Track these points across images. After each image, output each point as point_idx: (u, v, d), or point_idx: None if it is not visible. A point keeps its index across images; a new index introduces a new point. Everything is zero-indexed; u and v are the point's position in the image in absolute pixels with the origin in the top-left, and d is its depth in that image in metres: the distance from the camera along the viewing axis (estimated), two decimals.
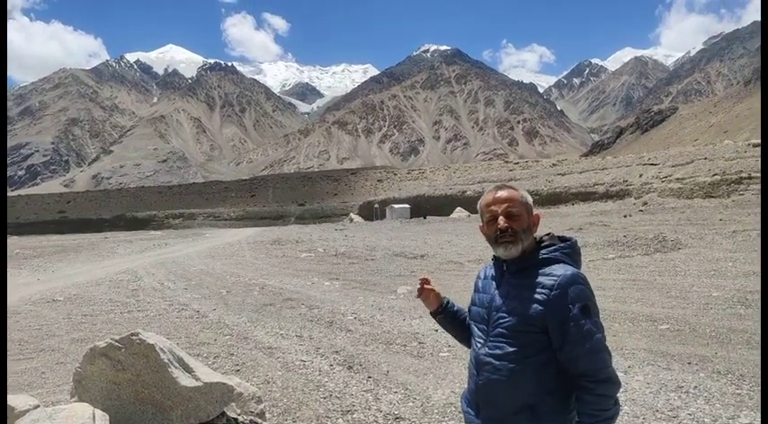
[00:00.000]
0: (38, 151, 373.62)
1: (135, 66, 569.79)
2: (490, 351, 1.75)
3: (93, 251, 22.28)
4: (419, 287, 2.10)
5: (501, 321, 1.74)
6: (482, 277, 1.92)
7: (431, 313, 2.14)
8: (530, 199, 1.84)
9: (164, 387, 2.95)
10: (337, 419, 4.02)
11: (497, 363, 1.72)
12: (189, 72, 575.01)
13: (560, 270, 1.69)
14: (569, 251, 1.78)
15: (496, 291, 1.80)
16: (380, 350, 5.87)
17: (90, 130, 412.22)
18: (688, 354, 5.19)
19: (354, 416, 4.05)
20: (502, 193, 1.81)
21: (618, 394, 1.68)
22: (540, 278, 1.70)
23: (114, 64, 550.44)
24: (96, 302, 9.54)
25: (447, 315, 2.10)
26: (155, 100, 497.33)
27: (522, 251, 1.76)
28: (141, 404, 2.98)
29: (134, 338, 3.02)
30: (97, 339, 5.35)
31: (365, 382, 4.81)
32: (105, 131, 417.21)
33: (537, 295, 1.68)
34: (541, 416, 1.67)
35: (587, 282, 1.70)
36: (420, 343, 6.08)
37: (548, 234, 1.84)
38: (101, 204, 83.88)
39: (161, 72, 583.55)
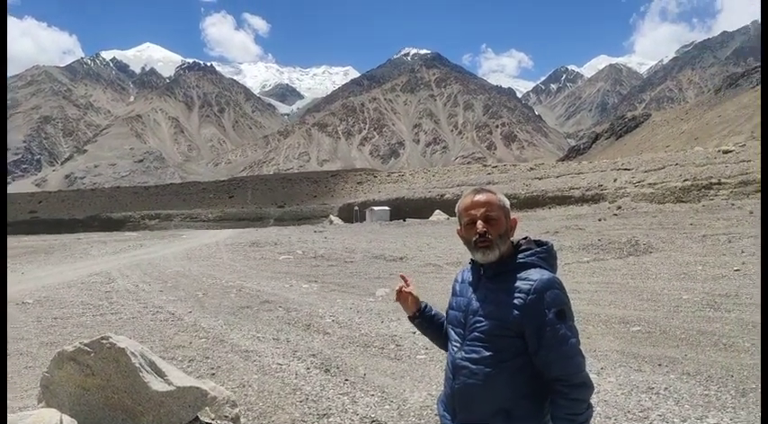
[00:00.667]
0: (9, 149, 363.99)
1: (111, 64, 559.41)
2: (466, 355, 1.76)
3: (65, 252, 21.78)
4: (397, 289, 2.11)
5: (477, 325, 1.75)
6: (459, 280, 1.94)
7: (408, 317, 2.15)
8: (507, 203, 1.85)
9: (134, 392, 2.90)
10: (313, 422, 4.00)
11: (473, 367, 1.73)
12: (167, 71, 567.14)
13: (537, 275, 1.70)
14: (545, 255, 1.79)
15: (473, 295, 1.81)
16: (358, 353, 5.87)
17: (63, 129, 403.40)
18: (659, 356, 5.29)
19: (331, 420, 4.04)
20: (480, 197, 1.81)
21: (591, 398, 1.70)
22: (517, 283, 1.71)
23: (90, 61, 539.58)
24: (67, 304, 9.33)
25: (424, 320, 2.11)
26: (131, 99, 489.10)
27: (499, 256, 1.77)
28: (111, 410, 2.92)
29: (104, 342, 2.97)
30: (67, 342, 5.23)
31: (342, 385, 4.79)
32: (79, 130, 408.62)
33: (513, 300, 1.69)
34: (517, 420, 1.69)
35: (563, 287, 1.72)
36: (397, 346, 6.09)
37: (524, 238, 1.85)
38: (74, 204, 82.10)
39: (138, 70, 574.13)
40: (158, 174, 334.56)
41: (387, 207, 48.88)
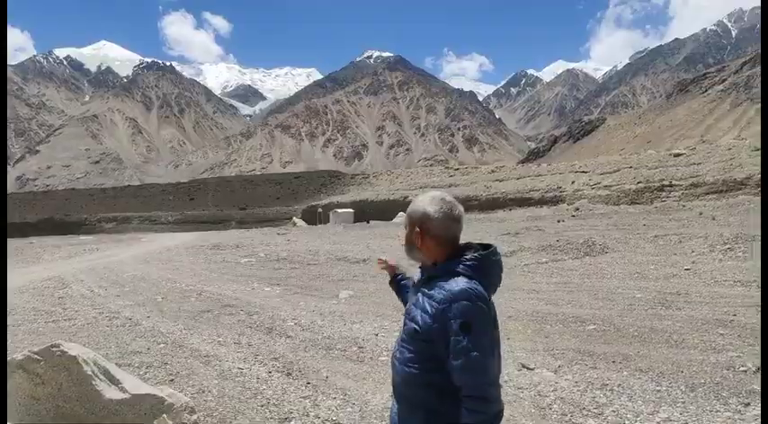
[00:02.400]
0: None
1: (65, 63, 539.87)
2: (397, 354, 1.86)
3: (16, 256, 20.88)
4: (378, 260, 2.54)
5: (405, 325, 1.85)
6: (414, 280, 2.05)
7: (389, 282, 2.45)
8: (417, 213, 1.85)
9: (87, 401, 2.82)
10: None
11: (398, 365, 1.84)
12: (124, 70, 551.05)
13: (452, 285, 1.72)
14: (473, 264, 1.77)
15: (411, 296, 1.92)
16: (320, 356, 5.84)
17: (15, 129, 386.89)
18: (613, 353, 5.47)
19: (292, 423, 4.01)
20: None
21: (497, 411, 1.68)
22: (435, 290, 1.76)
23: (42, 59, 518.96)
24: (18, 311, 8.95)
25: (395, 285, 2.39)
26: (86, 98, 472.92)
27: (415, 261, 1.91)
28: (63, 420, 2.83)
29: (54, 349, 2.87)
30: (18, 351, 5.03)
31: (304, 388, 4.77)
32: (31, 130, 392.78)
33: (428, 307, 1.75)
34: (437, 417, 1.75)
35: (477, 298, 1.70)
36: (360, 347, 6.10)
37: (467, 244, 1.87)
38: (26, 207, 78.76)
39: (94, 69, 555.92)
40: (116, 176, 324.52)
41: (350, 210, 48.79)
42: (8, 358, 2.99)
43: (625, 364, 5.11)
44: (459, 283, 1.73)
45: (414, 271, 2.08)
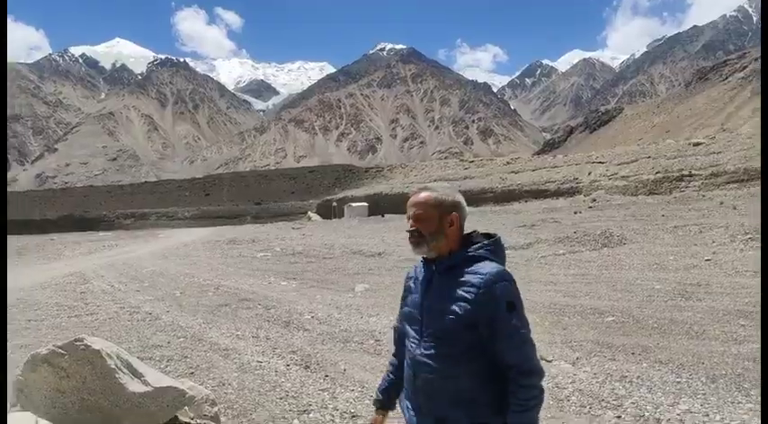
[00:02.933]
0: None
1: (80, 61, 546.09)
2: (425, 351, 1.80)
3: (38, 253, 21.29)
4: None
5: (433, 320, 1.80)
6: (413, 277, 1.97)
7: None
8: (446, 200, 1.85)
9: (111, 394, 2.87)
10: (293, 419, 4.00)
11: (433, 363, 1.78)
12: (138, 67, 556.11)
13: (486, 268, 1.74)
14: (493, 247, 1.83)
15: (427, 291, 1.84)
16: (337, 349, 5.88)
17: (33, 127, 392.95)
18: (632, 345, 5.42)
19: (311, 415, 4.05)
20: (416, 197, 1.86)
21: (542, 383, 1.76)
22: (467, 276, 1.74)
23: (58, 58, 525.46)
24: (41, 306, 9.14)
25: (396, 391, 2.07)
26: (102, 96, 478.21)
27: (428, 251, 1.83)
28: (88, 412, 2.89)
29: (78, 344, 2.92)
30: (42, 345, 5.13)
31: (322, 381, 4.80)
32: (49, 128, 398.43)
33: (465, 294, 1.73)
34: (480, 407, 1.75)
35: (512, 278, 1.77)
36: (377, 341, 6.12)
37: (473, 232, 1.90)
38: (46, 204, 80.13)
39: (108, 67, 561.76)
40: (132, 173, 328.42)
41: (365, 203, 48.85)
42: (33, 353, 3.06)
43: (644, 355, 5.07)
44: (491, 266, 1.75)
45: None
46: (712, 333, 5.66)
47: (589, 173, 37.24)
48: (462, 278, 1.75)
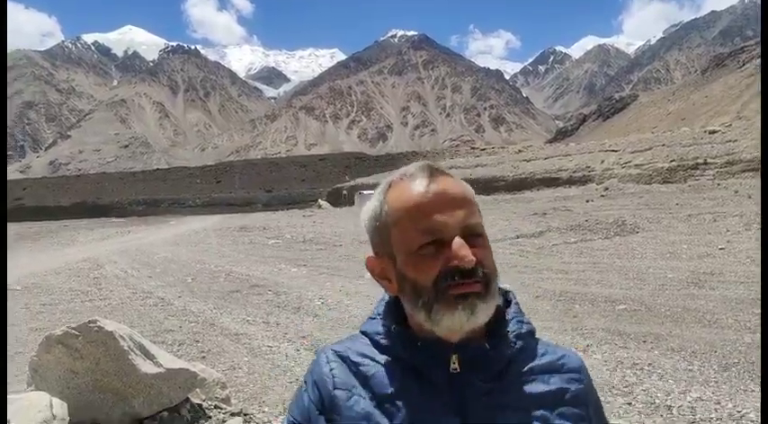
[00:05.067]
0: None
1: (93, 48, 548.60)
2: None
3: (52, 238, 21.59)
4: None
5: None
6: (380, 393, 0.84)
7: None
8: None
9: (124, 375, 2.91)
10: None
11: None
12: (150, 54, 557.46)
13: (560, 352, 0.91)
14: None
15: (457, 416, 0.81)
16: (347, 335, 5.90)
17: (46, 114, 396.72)
18: (644, 333, 5.39)
19: None
20: (446, 186, 0.84)
21: None
22: (544, 359, 0.87)
23: (70, 45, 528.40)
24: (55, 291, 9.27)
25: None
26: (114, 83, 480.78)
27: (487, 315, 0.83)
28: (101, 392, 2.93)
29: (92, 325, 2.96)
30: (56, 328, 5.22)
31: None
32: (62, 115, 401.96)
33: (558, 388, 0.85)
34: None
35: None
36: None
37: None
38: (59, 191, 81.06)
39: (120, 54, 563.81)
40: (144, 160, 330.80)
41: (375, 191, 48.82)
42: (47, 334, 3.10)
43: (656, 343, 5.03)
44: (548, 341, 0.93)
45: None
46: (725, 322, 5.61)
47: (602, 162, 36.87)
48: (538, 362, 0.87)
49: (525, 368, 0.85)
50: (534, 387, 0.84)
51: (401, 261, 0.85)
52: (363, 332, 0.96)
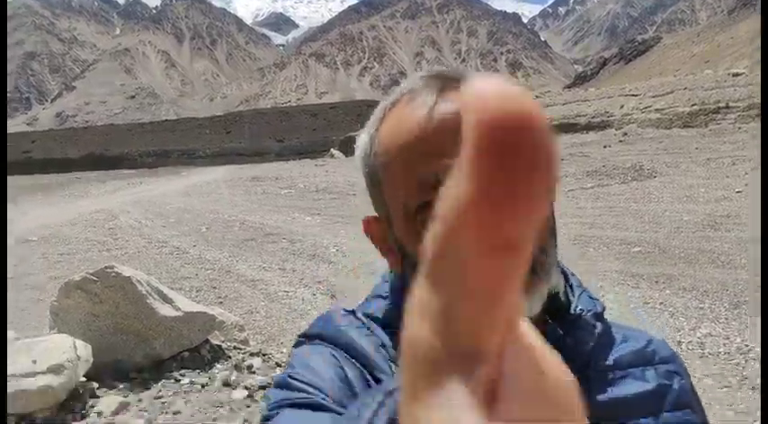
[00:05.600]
0: None
1: None
2: None
3: (63, 191, 21.84)
4: None
5: None
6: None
7: None
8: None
9: (144, 317, 2.97)
10: None
11: None
12: (153, 0, 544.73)
13: (630, 328, 0.71)
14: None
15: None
16: (362, 280, 5.97)
17: (49, 65, 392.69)
18: (657, 274, 5.39)
19: None
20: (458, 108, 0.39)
21: None
22: (628, 350, 0.65)
23: None
24: (72, 241, 9.44)
25: None
26: (117, 31, 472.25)
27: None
28: (122, 334, 3.01)
29: (109, 271, 3.00)
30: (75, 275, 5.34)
31: None
32: (66, 66, 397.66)
33: (664, 388, 0.64)
34: None
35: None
36: None
37: None
38: (68, 143, 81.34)
39: (122, 1, 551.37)
40: (152, 111, 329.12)
41: None
42: (66, 280, 3.15)
43: (668, 283, 5.04)
44: (614, 321, 0.71)
45: None
46: (739, 262, 5.57)
47: (621, 107, 35.97)
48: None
49: (610, 361, 0.62)
50: (627, 387, 0.60)
51: (397, 228, 0.60)
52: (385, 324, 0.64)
